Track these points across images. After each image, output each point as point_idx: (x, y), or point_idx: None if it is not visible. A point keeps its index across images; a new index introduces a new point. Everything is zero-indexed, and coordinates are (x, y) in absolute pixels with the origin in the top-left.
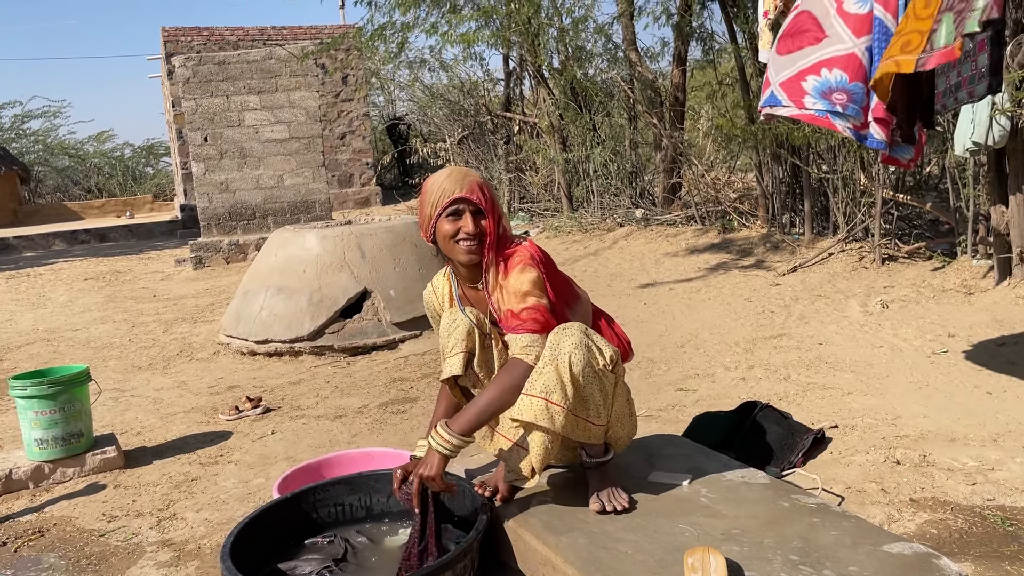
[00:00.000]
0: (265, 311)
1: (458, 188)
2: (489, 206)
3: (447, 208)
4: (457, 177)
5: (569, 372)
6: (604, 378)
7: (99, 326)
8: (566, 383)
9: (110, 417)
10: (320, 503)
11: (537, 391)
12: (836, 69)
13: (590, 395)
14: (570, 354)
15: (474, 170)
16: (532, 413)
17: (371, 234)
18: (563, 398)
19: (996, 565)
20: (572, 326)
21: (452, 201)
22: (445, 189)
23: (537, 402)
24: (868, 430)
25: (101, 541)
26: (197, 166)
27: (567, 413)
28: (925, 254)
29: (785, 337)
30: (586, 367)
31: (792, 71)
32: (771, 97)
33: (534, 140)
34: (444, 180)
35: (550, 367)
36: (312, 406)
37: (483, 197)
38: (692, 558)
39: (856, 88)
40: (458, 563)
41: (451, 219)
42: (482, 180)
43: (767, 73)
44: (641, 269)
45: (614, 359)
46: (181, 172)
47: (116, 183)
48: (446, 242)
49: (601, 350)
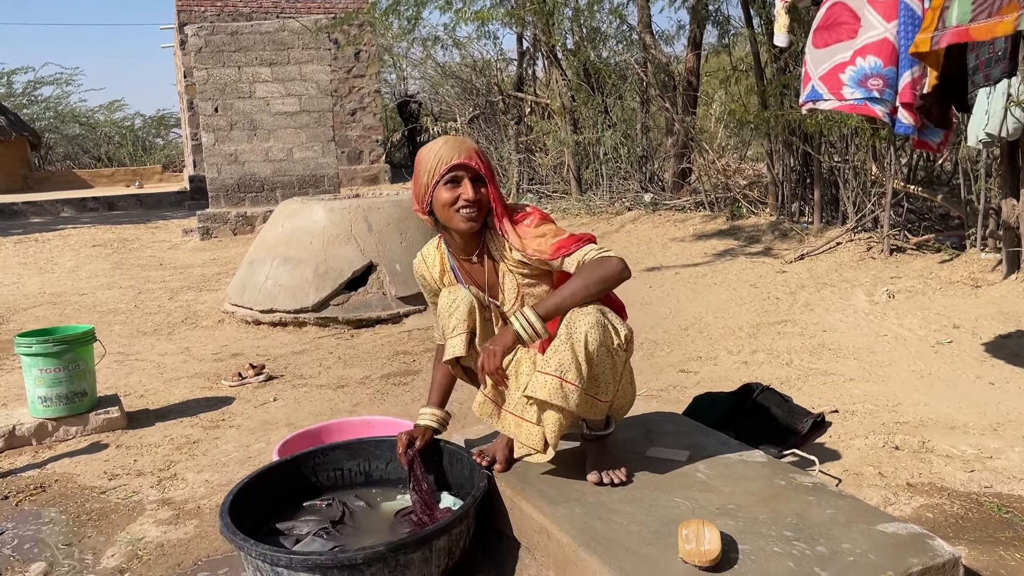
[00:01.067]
0: (271, 281)
1: (456, 155)
2: (488, 173)
3: (445, 175)
4: (454, 144)
5: (585, 351)
6: (616, 357)
7: (105, 292)
8: (581, 362)
9: (114, 380)
10: (319, 467)
11: (552, 369)
12: (870, 56)
13: (601, 373)
14: (586, 333)
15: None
16: (547, 391)
17: (378, 208)
18: (578, 377)
19: (991, 550)
20: (588, 306)
21: (450, 168)
22: (442, 156)
23: (552, 380)
24: (868, 416)
25: (102, 498)
26: (207, 136)
27: (581, 392)
28: (934, 246)
29: (789, 323)
30: (601, 346)
31: (830, 64)
32: (812, 92)
33: (545, 121)
34: (441, 147)
35: (565, 345)
36: (315, 375)
37: (481, 163)
38: (687, 530)
39: (891, 73)
40: (454, 528)
41: (449, 187)
42: (478, 147)
43: (805, 67)
44: (648, 253)
45: (629, 337)
46: (191, 143)
47: (126, 153)
48: (444, 211)
49: (617, 329)
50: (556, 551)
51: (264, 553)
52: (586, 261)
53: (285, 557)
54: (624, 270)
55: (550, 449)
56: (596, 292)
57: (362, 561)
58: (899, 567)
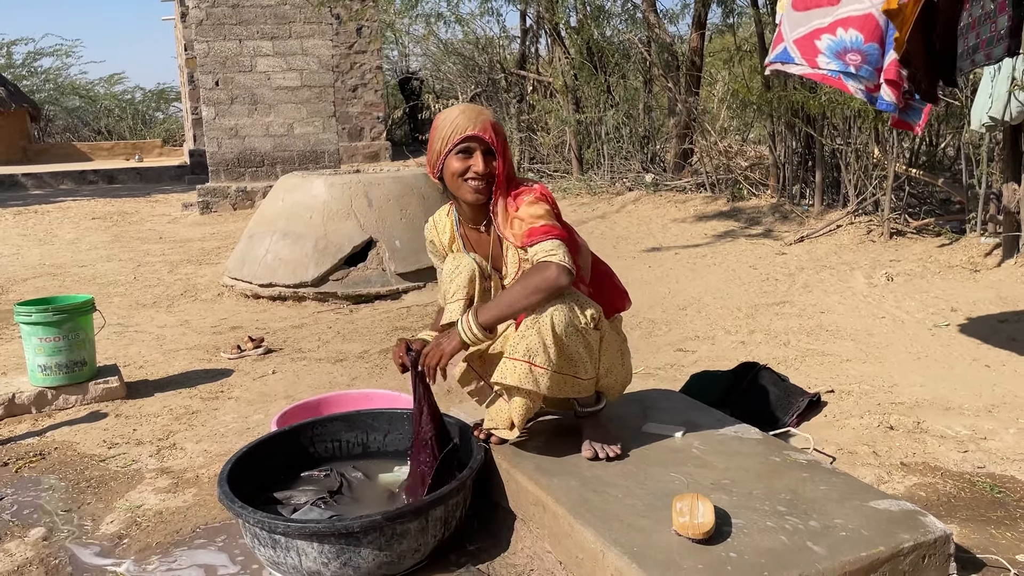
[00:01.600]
0: (270, 255)
1: (471, 125)
2: (500, 147)
3: (458, 145)
4: (471, 114)
5: (552, 333)
6: (588, 335)
7: (105, 264)
8: (549, 345)
9: (113, 351)
10: (318, 438)
11: (520, 355)
12: (852, 29)
13: (575, 352)
14: (551, 315)
15: (483, 108)
16: (516, 377)
17: (379, 183)
18: (546, 360)
19: (982, 529)
20: None
21: (464, 138)
22: (458, 125)
23: (521, 366)
24: (864, 396)
25: (101, 466)
26: (207, 110)
27: (552, 374)
28: (934, 230)
29: (788, 304)
30: (568, 326)
31: (807, 28)
32: (783, 53)
33: (547, 100)
34: (457, 116)
35: (532, 330)
36: (313, 349)
37: (495, 137)
38: (680, 503)
39: (871, 49)
40: (451, 499)
41: (461, 157)
42: (495, 119)
43: (780, 28)
44: (648, 233)
45: (595, 316)
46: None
47: (126, 126)
48: (453, 180)
49: (582, 308)
50: (551, 523)
51: (262, 520)
52: (534, 262)
53: (283, 524)
54: (560, 277)
55: (515, 430)
56: (536, 300)
57: (359, 530)
58: (891, 542)
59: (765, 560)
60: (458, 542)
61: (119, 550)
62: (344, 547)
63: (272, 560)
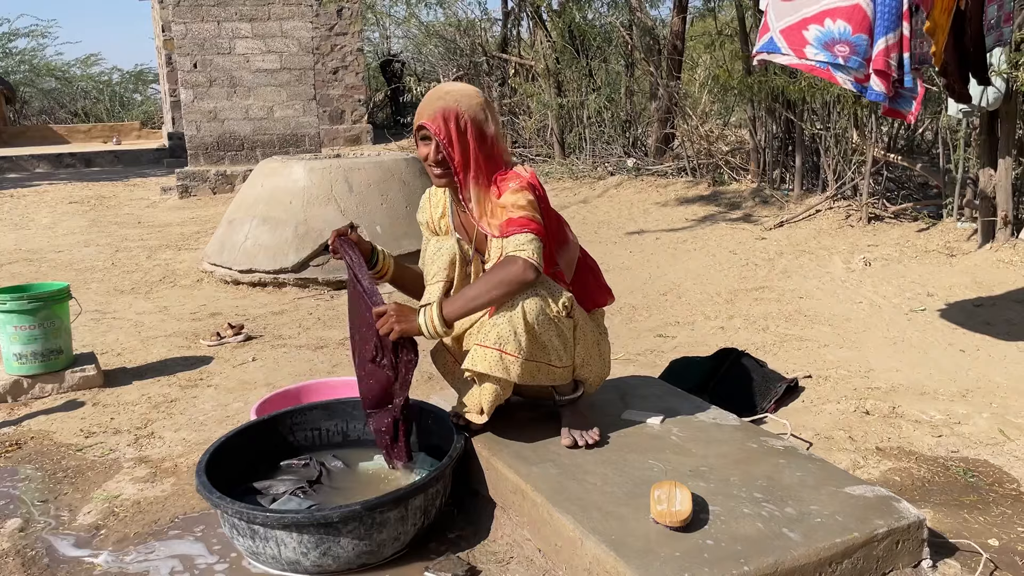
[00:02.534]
0: (250, 241)
1: (423, 113)
2: (448, 139)
3: (417, 132)
4: (429, 100)
5: (523, 322)
6: (561, 323)
7: (82, 249)
8: (520, 333)
9: (91, 338)
10: (297, 427)
11: (491, 342)
12: (840, 20)
13: (548, 341)
14: (523, 303)
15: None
16: (487, 364)
17: (359, 168)
18: (517, 348)
19: (955, 513)
20: None
21: (417, 127)
22: (419, 112)
23: (491, 353)
24: (841, 381)
25: (78, 455)
26: (186, 93)
27: (523, 362)
28: (911, 215)
29: (767, 290)
30: (540, 315)
31: (795, 18)
32: (769, 43)
33: (529, 84)
34: (423, 101)
35: (503, 317)
36: (294, 336)
37: (443, 128)
38: (659, 491)
39: (859, 40)
40: (430, 487)
41: (423, 143)
42: (456, 106)
43: (765, 17)
44: (629, 218)
45: (567, 305)
46: (170, 99)
47: (103, 108)
48: (423, 163)
49: (554, 296)
50: (531, 510)
51: (240, 511)
52: (503, 255)
53: (261, 515)
54: (525, 272)
55: (484, 416)
56: (499, 296)
57: (338, 519)
58: (865, 528)
59: (741, 547)
60: (438, 530)
61: (96, 541)
62: (323, 537)
63: (251, 550)
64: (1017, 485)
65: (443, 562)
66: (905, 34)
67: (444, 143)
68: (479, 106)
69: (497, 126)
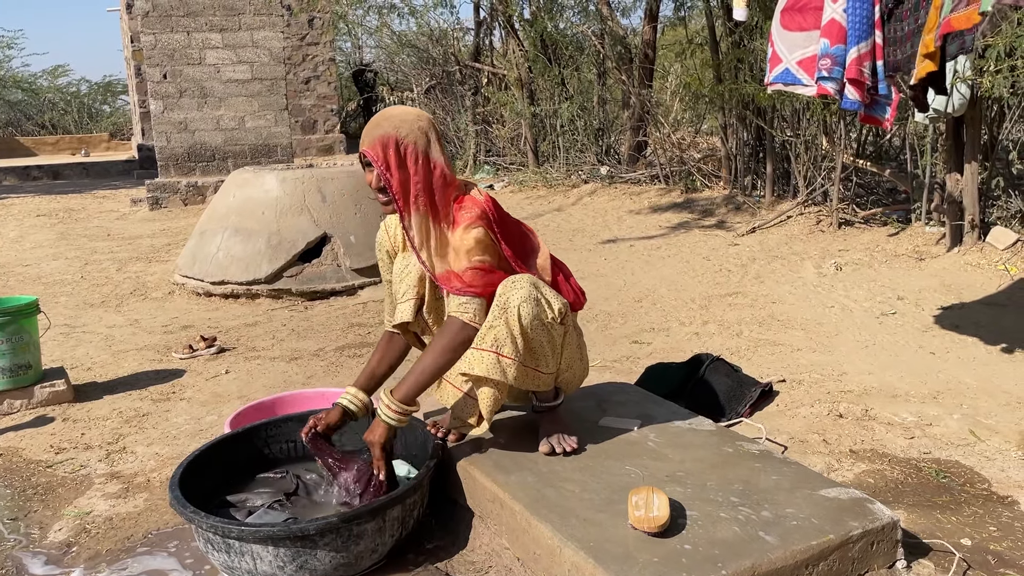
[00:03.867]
0: (222, 252)
1: (365, 141)
2: (387, 164)
3: (360, 158)
4: (370, 127)
5: (519, 325)
6: (553, 330)
7: (50, 262)
8: (516, 336)
9: (60, 352)
10: (272, 439)
11: (488, 345)
12: (823, 38)
13: (539, 347)
14: (519, 307)
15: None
16: (484, 367)
17: (333, 178)
18: (514, 351)
19: (928, 513)
20: (521, 279)
21: (360, 154)
22: (362, 137)
23: (488, 356)
24: (814, 385)
25: (48, 472)
26: (155, 104)
27: (518, 365)
28: (881, 220)
29: (740, 295)
30: (534, 320)
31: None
32: (785, 74)
33: (502, 92)
34: (367, 126)
35: (500, 320)
36: (268, 348)
37: (381, 155)
38: (636, 496)
39: (838, 51)
40: (408, 498)
41: (367, 169)
42: (395, 132)
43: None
44: (604, 226)
45: (562, 311)
46: (139, 111)
47: (71, 120)
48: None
49: (550, 303)
50: (509, 519)
51: (215, 525)
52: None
53: (236, 529)
54: (465, 333)
55: (484, 423)
56: (448, 360)
57: (315, 532)
58: (840, 530)
59: (719, 551)
60: (416, 541)
61: (68, 558)
62: (300, 550)
63: (227, 565)
64: (988, 485)
65: (421, 573)
66: (878, 42)
67: (382, 170)
68: (420, 131)
69: (443, 149)
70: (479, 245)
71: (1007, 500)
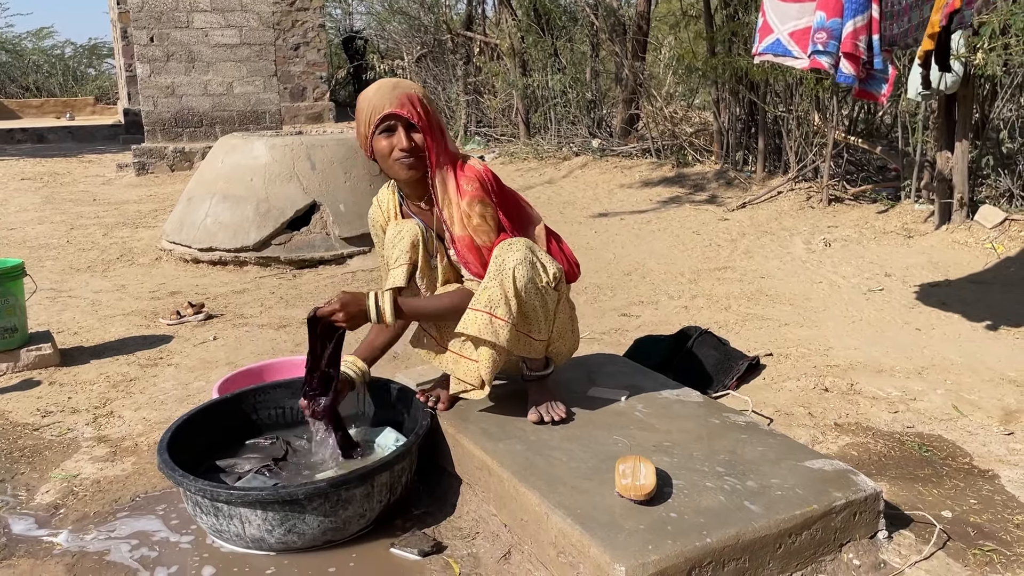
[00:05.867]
0: (210, 219)
1: (387, 103)
2: (423, 120)
3: (379, 125)
4: (385, 91)
5: (513, 287)
6: (547, 295)
7: (36, 227)
8: (510, 298)
9: (46, 316)
10: (260, 405)
11: (482, 305)
12: (819, 11)
13: (532, 311)
14: (514, 269)
15: (407, 81)
16: (477, 327)
17: (322, 145)
18: (507, 313)
19: (910, 486)
20: (517, 241)
21: (383, 118)
22: (375, 105)
23: (482, 316)
24: (801, 359)
25: (35, 435)
26: (142, 67)
27: (511, 328)
28: (870, 197)
29: (729, 270)
30: (529, 283)
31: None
32: (776, 45)
33: (494, 62)
34: (373, 96)
35: (495, 282)
36: (256, 315)
37: (414, 111)
38: (623, 465)
39: (834, 24)
40: (396, 464)
41: (385, 136)
42: (413, 91)
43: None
44: (594, 199)
45: (557, 276)
46: (125, 74)
47: (56, 83)
48: (384, 160)
49: (545, 267)
50: (497, 486)
51: (204, 489)
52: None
53: (225, 493)
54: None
55: (486, 387)
56: (449, 311)
57: (303, 496)
58: (824, 501)
59: (704, 520)
60: (405, 507)
61: (56, 520)
62: (288, 514)
63: (215, 528)
64: (970, 459)
65: (409, 538)
66: (874, 16)
67: (423, 125)
68: (426, 93)
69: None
70: (482, 218)
71: (988, 474)
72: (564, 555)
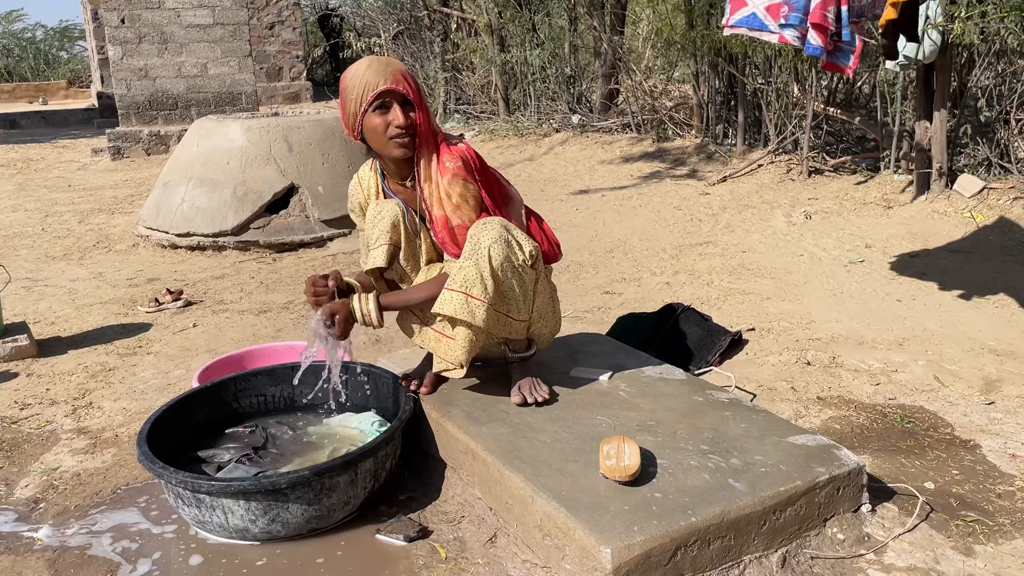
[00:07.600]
0: (187, 204)
1: (382, 80)
2: (417, 96)
3: (373, 102)
4: (379, 67)
5: (489, 266)
6: (524, 273)
7: (9, 215)
8: (486, 277)
9: (22, 307)
10: (241, 393)
11: (457, 285)
12: None
13: (509, 290)
14: (489, 247)
15: (393, 58)
16: (452, 307)
17: (299, 127)
18: (483, 292)
19: (892, 458)
20: (492, 221)
21: (378, 94)
22: (368, 82)
23: (458, 296)
24: (783, 333)
25: (13, 428)
26: (114, 50)
27: (487, 308)
28: (850, 168)
29: (711, 245)
30: (505, 262)
31: None
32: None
33: (472, 39)
34: (365, 72)
35: (470, 262)
36: (236, 300)
37: (409, 87)
38: (608, 446)
39: None
40: (380, 451)
41: (379, 112)
42: (404, 68)
43: None
44: (575, 175)
45: (533, 254)
46: (98, 57)
47: (27, 67)
48: (377, 138)
49: (520, 245)
50: (481, 470)
51: (185, 480)
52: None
53: (207, 484)
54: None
55: (463, 368)
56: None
57: (286, 485)
58: (807, 476)
59: (689, 499)
60: (389, 492)
61: (36, 515)
62: (271, 504)
63: (197, 519)
64: (951, 430)
65: (394, 524)
66: None
67: (416, 101)
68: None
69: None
70: (462, 199)
71: (969, 444)
72: (550, 538)
